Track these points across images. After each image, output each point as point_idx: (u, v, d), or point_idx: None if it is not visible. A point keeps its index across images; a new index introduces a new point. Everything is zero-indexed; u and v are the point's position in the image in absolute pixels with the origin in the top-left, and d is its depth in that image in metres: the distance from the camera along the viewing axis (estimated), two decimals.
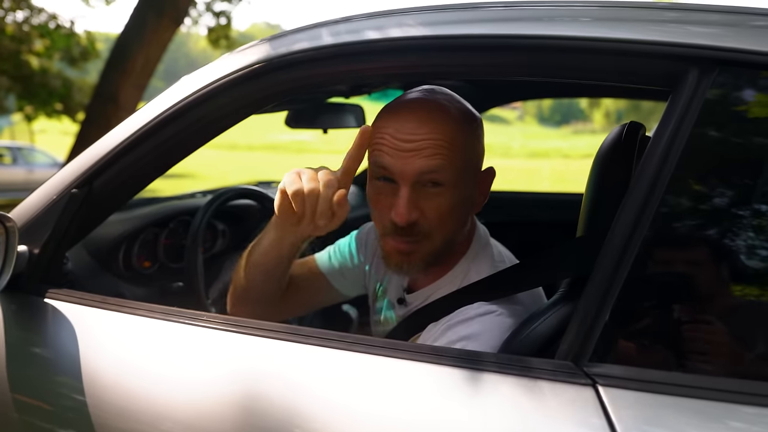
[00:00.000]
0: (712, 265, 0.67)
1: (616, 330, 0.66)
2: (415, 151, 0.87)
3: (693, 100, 0.67)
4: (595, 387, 0.62)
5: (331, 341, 0.76)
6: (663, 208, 0.66)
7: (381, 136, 0.91)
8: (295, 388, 0.75)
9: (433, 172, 0.88)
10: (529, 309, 0.93)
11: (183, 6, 7.03)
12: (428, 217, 0.90)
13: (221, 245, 1.73)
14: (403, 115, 0.91)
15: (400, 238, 0.91)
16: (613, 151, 0.91)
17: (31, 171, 11.44)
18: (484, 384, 0.67)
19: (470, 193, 0.95)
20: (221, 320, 0.85)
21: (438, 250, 0.93)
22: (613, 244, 0.66)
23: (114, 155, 1.00)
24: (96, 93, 7.22)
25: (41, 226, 1.02)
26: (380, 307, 1.15)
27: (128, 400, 0.84)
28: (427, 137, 0.88)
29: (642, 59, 0.72)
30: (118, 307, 0.93)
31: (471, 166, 0.94)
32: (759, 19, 0.69)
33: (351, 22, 0.88)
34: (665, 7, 0.75)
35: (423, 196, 0.89)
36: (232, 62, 0.94)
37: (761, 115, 0.68)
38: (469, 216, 0.99)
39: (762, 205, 0.66)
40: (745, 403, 0.58)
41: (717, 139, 0.68)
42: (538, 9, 0.79)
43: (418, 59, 0.85)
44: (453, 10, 0.84)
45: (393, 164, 0.89)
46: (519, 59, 0.79)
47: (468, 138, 0.92)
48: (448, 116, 0.91)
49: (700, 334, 0.65)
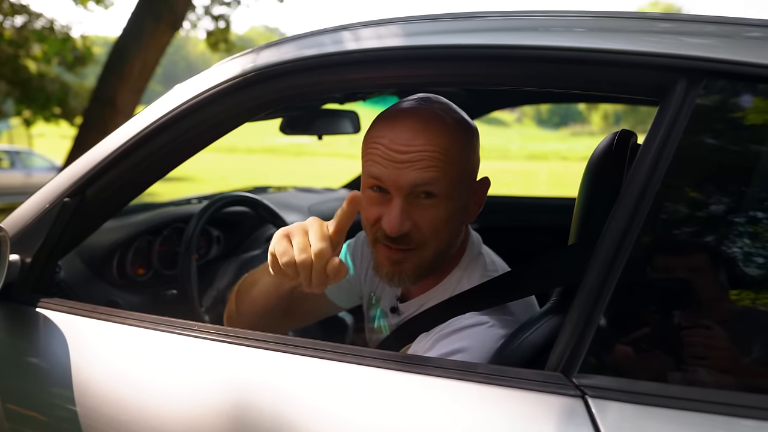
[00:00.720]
0: (702, 275, 0.67)
1: (605, 341, 0.65)
2: (410, 163, 0.86)
3: (682, 109, 0.67)
4: (585, 399, 0.62)
5: (322, 351, 0.76)
6: (652, 217, 0.66)
7: (375, 146, 0.90)
8: (285, 398, 0.75)
9: (427, 184, 0.87)
10: (520, 318, 0.93)
11: (180, 10, 7.03)
12: (421, 229, 0.89)
13: (216, 252, 1.73)
14: (398, 125, 0.89)
15: (392, 245, 0.90)
16: (604, 159, 0.91)
17: (29, 175, 11.43)
18: (473, 395, 0.67)
19: (464, 204, 0.94)
20: (211, 330, 0.84)
21: (430, 261, 0.92)
22: (602, 254, 0.66)
23: (106, 164, 1.00)
24: (94, 97, 7.22)
25: (33, 235, 1.02)
26: (374, 316, 1.15)
27: (118, 410, 0.83)
28: (421, 149, 0.87)
29: (633, 70, 0.72)
30: (108, 317, 0.93)
31: (466, 177, 0.93)
32: (750, 30, 0.69)
33: (348, 30, 0.88)
34: (656, 18, 0.75)
35: (416, 207, 0.89)
36: (224, 71, 0.94)
37: (748, 123, 0.68)
38: (463, 226, 0.98)
39: (751, 212, 0.66)
40: (736, 415, 0.58)
41: (705, 148, 0.68)
42: (533, 19, 0.79)
43: (412, 69, 0.84)
44: (448, 19, 0.84)
45: (387, 175, 0.88)
46: (511, 70, 0.79)
47: (463, 149, 0.91)
48: (444, 127, 0.90)
49: (691, 345, 0.65)
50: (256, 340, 0.81)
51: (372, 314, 1.15)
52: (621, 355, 0.66)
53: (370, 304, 1.16)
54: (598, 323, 0.64)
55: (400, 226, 0.87)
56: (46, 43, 9.07)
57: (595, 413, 0.61)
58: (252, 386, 0.78)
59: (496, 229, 2.24)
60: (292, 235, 0.79)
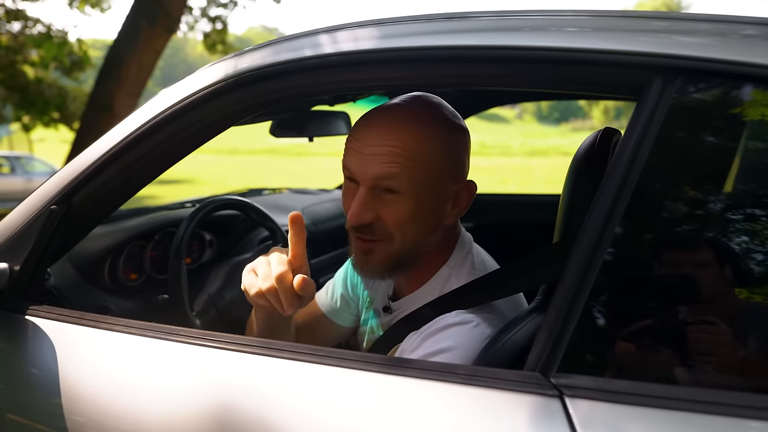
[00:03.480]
0: (679, 272, 0.67)
1: (583, 340, 0.66)
2: (374, 156, 0.90)
3: (658, 107, 0.67)
4: (562, 398, 0.62)
5: (304, 355, 0.77)
6: (629, 216, 0.66)
7: (350, 139, 0.94)
8: (268, 401, 0.75)
9: (388, 179, 0.90)
10: (507, 317, 0.93)
11: (175, 13, 7.04)
12: (384, 222, 0.92)
13: (209, 255, 1.73)
14: (372, 121, 0.94)
15: (357, 235, 0.95)
16: (587, 157, 0.91)
17: (30, 180, 11.44)
18: (452, 397, 0.67)
19: (437, 204, 0.94)
20: (197, 335, 0.85)
21: (398, 255, 0.94)
22: (579, 253, 0.67)
23: (92, 171, 1.00)
24: (90, 101, 7.24)
25: (21, 243, 1.03)
26: (366, 318, 1.17)
27: (106, 415, 0.84)
28: (387, 144, 0.89)
29: (610, 69, 0.72)
30: (96, 323, 0.93)
31: (436, 177, 0.92)
32: (732, 27, 0.69)
33: (342, 30, 0.87)
34: (633, 16, 0.75)
35: (380, 201, 0.92)
36: (207, 76, 0.94)
37: (721, 120, 0.68)
38: (439, 226, 0.97)
39: (726, 207, 0.66)
40: (712, 413, 0.58)
41: (681, 145, 0.68)
42: (514, 19, 0.79)
43: (403, 70, 0.84)
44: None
45: (354, 166, 0.92)
46: (488, 70, 0.79)
47: (439, 150, 0.92)
48: (416, 126, 0.91)
49: (668, 344, 0.65)
50: (241, 344, 0.81)
51: (366, 316, 1.17)
52: (599, 354, 0.67)
53: (365, 306, 1.18)
54: (576, 323, 0.64)
55: (360, 215, 0.91)
56: (43, 48, 9.07)
57: (571, 413, 0.61)
58: (237, 390, 0.78)
59: (496, 228, 2.25)
60: (256, 268, 0.87)
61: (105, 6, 9.36)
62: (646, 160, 0.66)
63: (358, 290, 1.21)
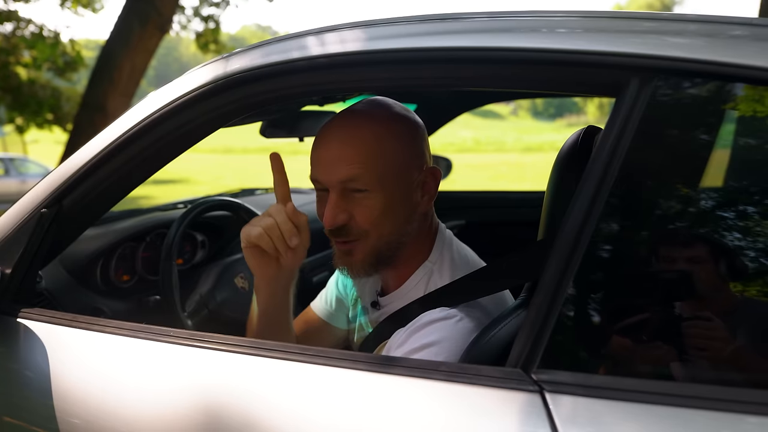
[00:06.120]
0: (656, 269, 0.68)
1: (564, 336, 0.67)
2: (337, 160, 0.94)
3: (635, 106, 0.69)
4: (542, 394, 0.63)
5: (294, 354, 0.78)
6: (607, 213, 0.67)
7: (313, 151, 0.99)
8: (257, 400, 0.76)
9: (354, 180, 0.94)
10: (490, 312, 0.95)
11: (167, 13, 7.02)
12: (358, 220, 0.96)
13: (201, 256, 1.74)
14: (329, 130, 0.98)
15: (335, 239, 0.99)
16: (570, 155, 0.92)
17: (24, 182, 11.43)
18: (436, 394, 0.68)
19: (406, 194, 0.98)
20: (186, 336, 0.86)
21: (378, 250, 0.98)
22: (558, 250, 0.68)
23: (82, 174, 1.01)
24: (84, 102, 7.22)
25: (12, 246, 1.03)
26: (354, 315, 1.18)
27: (97, 416, 0.85)
28: (346, 147, 0.94)
29: (589, 69, 0.73)
30: (87, 325, 0.94)
31: (400, 170, 0.96)
32: (714, 27, 0.69)
33: (333, 32, 0.88)
34: (614, 17, 0.76)
35: (351, 201, 0.95)
36: (196, 78, 0.95)
37: (696, 118, 0.69)
38: (413, 215, 1.00)
39: (704, 204, 0.67)
40: (692, 407, 0.59)
41: (658, 142, 0.70)
42: (496, 21, 0.79)
43: (395, 71, 0.85)
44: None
45: (321, 175, 0.97)
46: (469, 71, 0.80)
47: (396, 143, 0.96)
48: (371, 125, 0.96)
49: (647, 339, 0.66)
50: (230, 344, 0.82)
51: (354, 313, 1.18)
52: (579, 350, 0.68)
53: (352, 303, 1.20)
54: (557, 319, 0.66)
55: (333, 218, 0.95)
56: (36, 49, 9.03)
57: (552, 408, 0.62)
58: (226, 389, 0.79)
59: (486, 225, 2.26)
60: (250, 223, 0.95)
61: (97, 6, 9.32)
62: (624, 158, 0.67)
63: (349, 289, 1.22)
